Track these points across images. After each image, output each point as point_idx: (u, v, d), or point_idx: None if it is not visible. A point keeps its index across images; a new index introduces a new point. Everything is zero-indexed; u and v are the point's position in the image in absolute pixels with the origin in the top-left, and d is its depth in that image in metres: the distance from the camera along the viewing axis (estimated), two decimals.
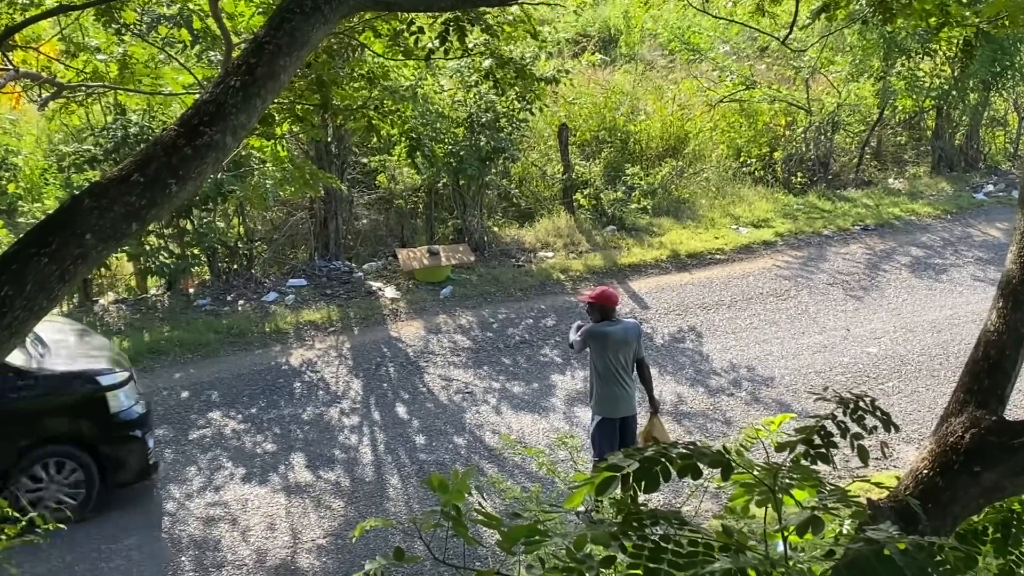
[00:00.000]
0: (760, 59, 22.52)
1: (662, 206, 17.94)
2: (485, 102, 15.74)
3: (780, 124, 20.67)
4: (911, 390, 11.63)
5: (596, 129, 19.21)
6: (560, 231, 16.71)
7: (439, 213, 17.27)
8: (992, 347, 3.70)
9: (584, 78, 20.43)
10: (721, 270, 15.54)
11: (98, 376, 9.35)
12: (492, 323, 13.64)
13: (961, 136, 21.81)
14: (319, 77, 8.94)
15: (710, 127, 20.59)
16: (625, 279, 15.16)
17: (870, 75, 20.19)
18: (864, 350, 12.70)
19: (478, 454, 10.42)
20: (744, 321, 13.59)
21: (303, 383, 12.04)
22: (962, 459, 3.30)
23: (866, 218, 17.91)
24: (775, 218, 17.78)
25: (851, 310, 13.94)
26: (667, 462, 2.89)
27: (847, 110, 21.02)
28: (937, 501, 3.24)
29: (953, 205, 18.76)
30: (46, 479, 9.08)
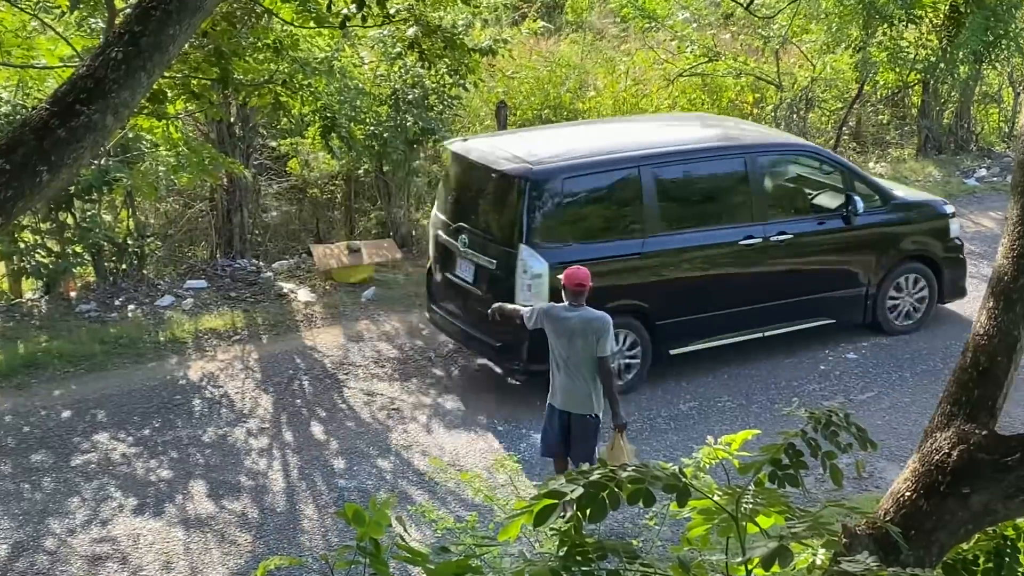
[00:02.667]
0: (724, 27, 22.72)
1: None
2: (411, 76, 15.69)
3: (747, 101, 20.84)
4: (892, 402, 11.74)
5: (539, 107, 19.24)
6: None
7: (360, 204, 17.21)
8: (982, 353, 3.73)
9: (525, 49, 20.47)
10: None
11: (942, 206, 13.59)
12: (421, 330, 13.58)
13: (950, 114, 22.15)
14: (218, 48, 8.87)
15: (669, 105, 20.70)
16: None
17: (848, 45, 20.42)
18: (842, 356, 12.82)
19: (406, 479, 10.36)
20: None
21: (203, 400, 11.91)
22: (949, 479, 3.31)
23: None
24: None
25: None
26: (615, 487, 2.89)
27: (822, 85, 21.26)
28: (921, 527, 3.26)
29: (941, 191, 18.96)
30: (903, 291, 13.08)
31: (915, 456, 3.51)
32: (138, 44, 4.30)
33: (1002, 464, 3.32)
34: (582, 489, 2.90)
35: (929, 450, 3.46)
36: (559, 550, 2.95)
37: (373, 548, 3.15)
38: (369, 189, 17.05)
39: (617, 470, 2.95)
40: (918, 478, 3.38)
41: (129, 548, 9.36)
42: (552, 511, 2.93)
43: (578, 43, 22.67)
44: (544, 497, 2.94)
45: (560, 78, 19.66)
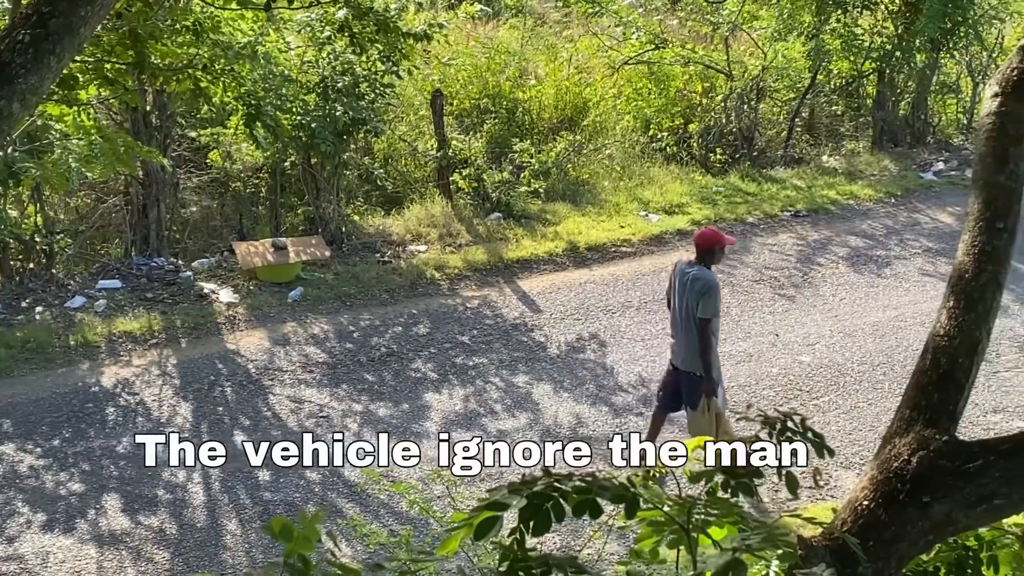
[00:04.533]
0: (672, 13, 22.85)
1: (557, 189, 18.05)
2: (341, 63, 15.61)
3: (696, 91, 20.96)
4: (850, 406, 11.88)
5: (477, 96, 19.25)
6: (434, 220, 16.69)
7: (286, 199, 17.11)
8: (942, 354, 3.76)
9: (462, 34, 20.47)
10: (627, 265, 15.69)
11: None
12: (352, 332, 13.54)
13: (906, 105, 22.41)
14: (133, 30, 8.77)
15: (613, 94, 20.79)
16: (513, 276, 15.21)
17: (800, 33, 20.59)
18: (796, 359, 12.94)
19: (336, 491, 10.31)
20: (656, 326, 13.71)
21: (118, 408, 11.78)
22: (908, 488, 3.34)
23: (797, 202, 18.27)
24: (691, 203, 18.03)
25: (780, 312, 14.20)
26: (560, 497, 2.89)
27: (774, 74, 21.41)
28: (880, 538, 3.28)
29: (898, 186, 19.25)
30: None
31: (873, 463, 3.53)
32: (47, 26, 4.24)
33: (964, 471, 3.35)
34: (525, 500, 2.88)
35: (888, 457, 3.48)
36: (500, 565, 2.93)
37: (302, 565, 3.11)
38: (296, 183, 16.94)
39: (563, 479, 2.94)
40: (876, 486, 3.39)
41: (38, 567, 9.24)
42: (494, 523, 2.91)
43: (518, 28, 22.70)
44: (485, 509, 2.92)
45: (499, 65, 19.67)
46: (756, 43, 21.29)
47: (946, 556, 3.82)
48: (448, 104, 18.31)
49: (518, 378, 12.42)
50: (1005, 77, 4.30)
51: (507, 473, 10.03)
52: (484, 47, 20.33)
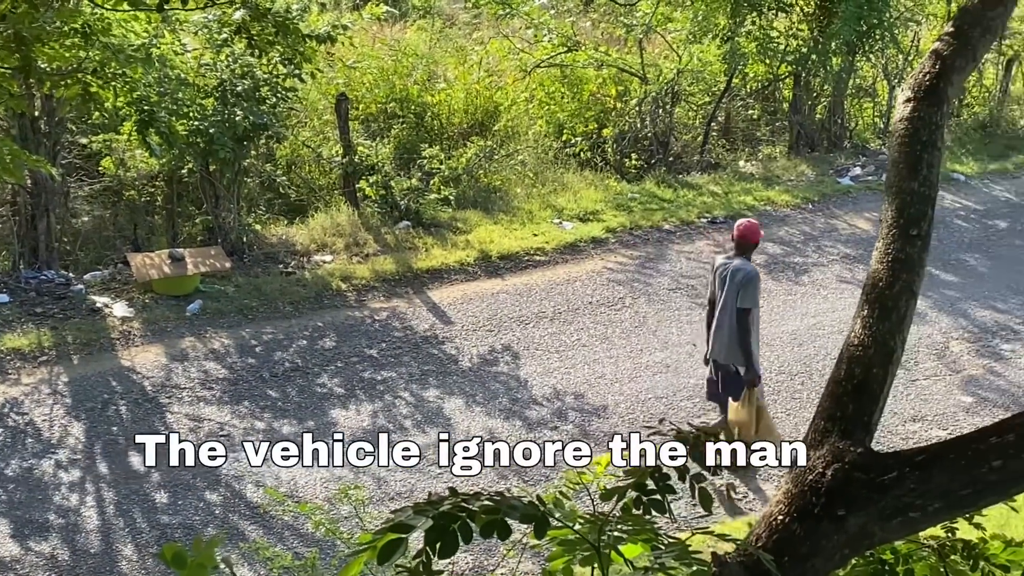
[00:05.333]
0: (584, 15, 22.96)
1: (468, 196, 18.06)
2: (241, 66, 15.50)
3: (610, 95, 21.09)
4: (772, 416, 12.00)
5: (384, 100, 19.21)
6: (340, 229, 16.61)
7: (184, 207, 16.93)
8: (856, 364, 3.80)
9: (368, 36, 20.43)
10: (541, 274, 15.73)
11: None
12: (254, 346, 13.44)
13: (823, 109, 22.72)
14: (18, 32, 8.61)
15: (525, 98, 20.84)
16: (423, 287, 15.18)
17: (715, 35, 20.77)
18: None
19: (237, 513, 10.23)
20: (570, 337, 13.78)
21: (5, 429, 11.57)
22: (823, 501, 3.36)
23: (714, 208, 18.45)
24: (606, 210, 18.12)
25: (698, 321, 14.27)
26: (468, 518, 2.88)
27: (689, 77, 21.60)
28: (795, 553, 3.31)
29: (815, 192, 19.52)
30: None
31: (788, 477, 3.56)
32: None
33: (879, 484, 3.39)
34: (431, 521, 2.88)
35: (802, 470, 3.51)
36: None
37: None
38: (194, 191, 16.77)
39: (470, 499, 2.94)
40: (791, 500, 3.42)
41: None
42: (398, 546, 2.89)
43: (426, 30, 22.69)
44: (389, 531, 2.91)
45: (407, 68, 19.65)
46: (671, 46, 21.45)
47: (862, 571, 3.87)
48: (354, 108, 18.25)
49: (428, 392, 12.41)
50: (917, 82, 4.38)
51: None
52: (391, 49, 20.31)
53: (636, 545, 3.08)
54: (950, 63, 4.43)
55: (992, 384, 12.92)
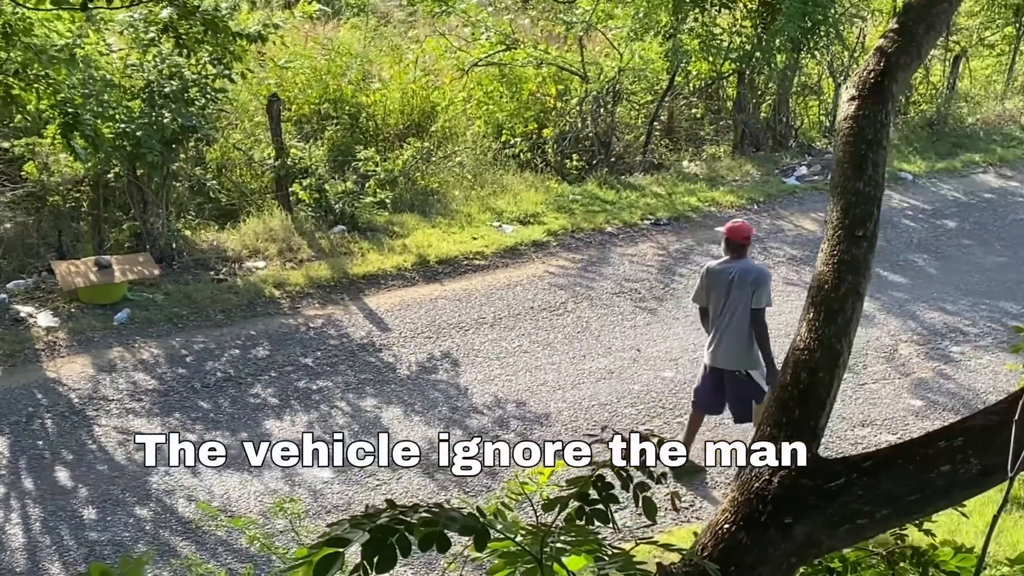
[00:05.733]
0: (523, 12, 22.97)
1: (405, 199, 18.02)
2: (169, 66, 15.37)
3: (550, 94, 21.09)
4: (715, 422, 12.04)
5: (317, 101, 19.13)
6: (273, 234, 16.51)
7: (110, 213, 16.76)
8: (803, 369, 3.82)
9: (299, 35, 20.34)
10: (481, 279, 15.72)
11: None
12: (185, 356, 13.33)
13: (768, 108, 22.86)
14: None
15: (463, 98, 20.82)
16: (360, 293, 15.12)
17: (657, 32, 20.85)
18: (658, 375, 13.10)
19: (169, 529, 10.13)
20: (511, 343, 13.78)
21: None
22: (770, 509, 3.37)
23: (657, 210, 18.51)
24: (547, 212, 18.14)
25: (642, 325, 14.36)
26: (406, 531, 2.87)
27: (631, 76, 21.67)
28: (742, 562, 3.32)
29: (760, 192, 19.63)
30: None
31: (734, 484, 3.57)
32: None
33: (826, 491, 3.41)
34: (367, 535, 2.86)
35: (749, 477, 3.53)
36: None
37: None
38: (121, 196, 16.61)
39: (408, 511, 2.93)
40: (737, 508, 3.44)
41: None
42: (334, 561, 2.88)
43: (360, 29, 22.63)
44: (325, 545, 2.89)
45: (340, 68, 19.58)
46: (612, 43, 21.51)
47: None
48: (286, 110, 18.16)
49: (366, 402, 12.36)
50: (862, 80, 4.41)
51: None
52: (324, 48, 20.23)
53: (579, 556, 3.08)
54: (895, 60, 4.46)
55: (942, 387, 13.04)
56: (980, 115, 24.76)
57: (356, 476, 10.94)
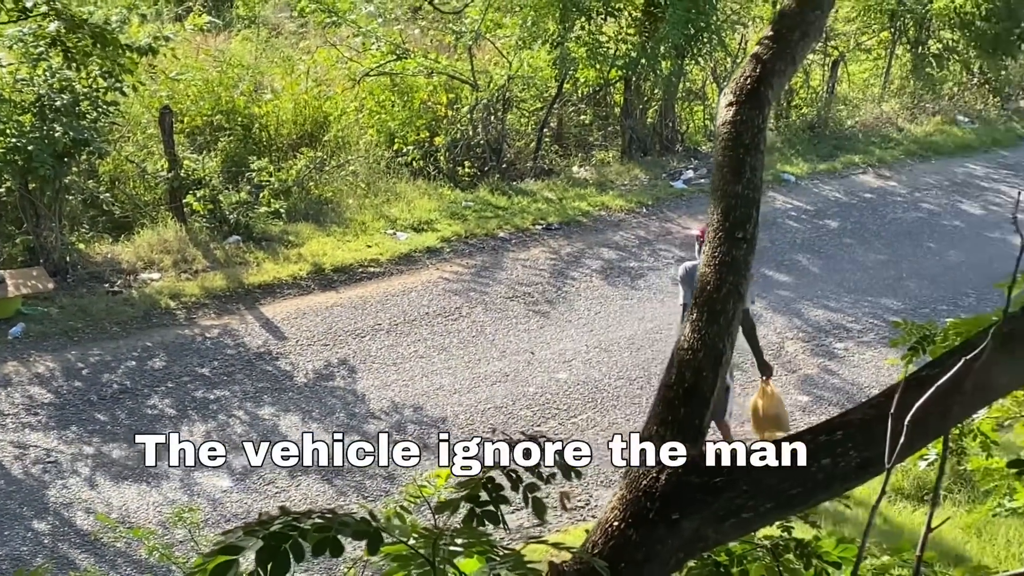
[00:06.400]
0: (413, 22, 22.95)
1: (299, 209, 17.90)
2: (59, 80, 15.12)
3: (441, 102, 21.10)
4: (609, 422, 12.15)
5: (210, 113, 18.94)
6: (168, 245, 16.31)
7: (3, 227, 16.45)
8: (687, 368, 3.85)
9: (191, 47, 20.12)
10: (376, 286, 15.68)
11: None
12: (81, 369, 13.12)
13: (654, 113, 23.05)
14: None
15: (355, 107, 20.75)
16: (256, 303, 14.99)
17: (545, 41, 20.96)
18: (553, 377, 13.16)
19: (68, 541, 9.99)
20: (407, 349, 13.76)
21: None
22: (658, 506, 3.39)
23: (549, 215, 18.59)
24: (440, 219, 18.13)
25: (536, 329, 14.42)
26: (299, 537, 2.85)
27: (520, 84, 21.74)
28: (631, 559, 3.33)
29: (648, 196, 19.80)
30: None
31: (623, 482, 3.59)
32: None
33: (711, 487, 3.44)
34: (261, 542, 2.84)
35: (637, 475, 3.54)
36: None
37: None
38: (13, 210, 16.31)
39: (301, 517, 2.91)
40: (626, 506, 3.45)
41: None
42: (228, 568, 2.85)
43: (251, 40, 22.44)
44: (219, 553, 2.87)
45: (232, 80, 19.40)
46: (501, 52, 21.56)
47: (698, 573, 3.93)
48: (179, 121, 17.95)
49: (263, 410, 12.27)
50: (739, 85, 4.46)
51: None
52: (215, 60, 20.03)
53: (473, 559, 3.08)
54: (770, 67, 4.51)
55: (827, 383, 13.26)
56: (859, 118, 25.19)
57: (255, 484, 10.87)
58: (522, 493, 3.18)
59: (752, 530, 3.81)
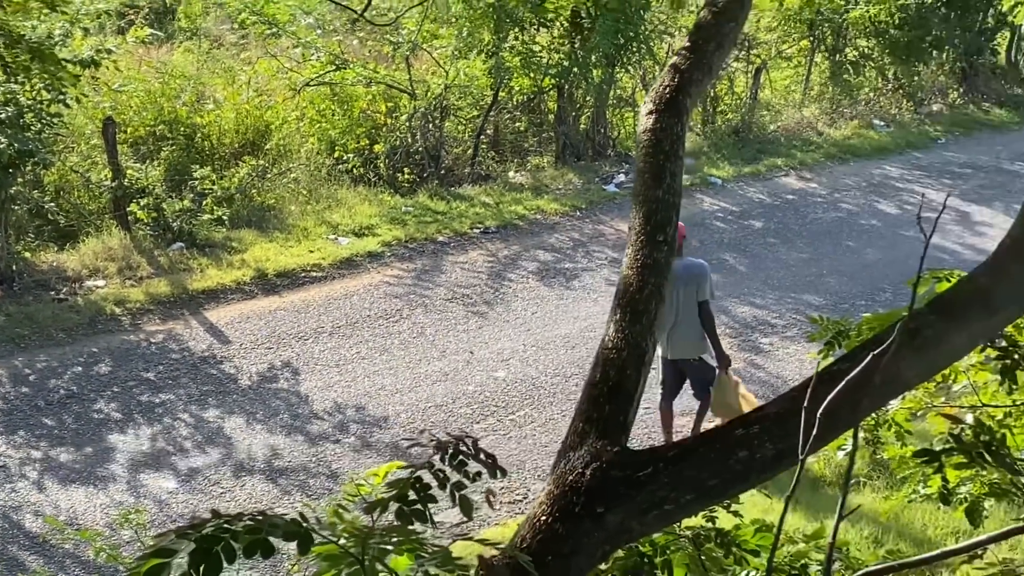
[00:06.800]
0: (352, 33, 22.91)
1: (242, 216, 17.80)
2: (3, 93, 14.96)
3: (380, 111, 21.07)
4: (546, 418, 12.18)
5: (152, 123, 18.79)
6: (113, 253, 16.17)
7: None
8: (611, 366, 3.88)
9: (133, 59, 19.95)
10: (319, 290, 15.62)
11: None
12: (28, 375, 12.97)
13: (587, 119, 23.14)
14: None
15: (296, 116, 20.68)
16: (200, 308, 14.89)
17: (480, 51, 20.99)
18: (491, 375, 13.17)
19: (16, 544, 9.87)
20: (349, 351, 13.73)
21: None
22: (583, 500, 3.41)
23: (486, 219, 18.61)
24: (381, 224, 18.10)
25: (474, 329, 14.43)
26: (231, 539, 2.84)
27: (457, 92, 21.75)
28: (559, 552, 3.35)
29: (582, 199, 19.86)
30: None
31: (551, 478, 3.62)
32: None
33: (635, 480, 3.47)
34: (194, 544, 2.83)
35: (563, 471, 3.57)
36: None
37: None
38: None
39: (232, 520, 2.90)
40: (553, 501, 3.47)
41: None
42: (162, 571, 2.84)
43: (193, 52, 22.31)
44: (152, 556, 2.85)
45: (175, 90, 19.26)
46: (438, 62, 21.55)
47: (623, 564, 3.96)
48: (122, 132, 17.79)
49: (208, 413, 12.20)
50: (658, 95, 4.51)
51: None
52: (158, 72, 19.87)
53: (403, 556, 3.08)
54: (688, 76, 4.56)
55: (753, 376, 13.35)
56: (781, 122, 25.38)
57: (200, 485, 10.81)
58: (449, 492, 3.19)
59: (675, 521, 3.86)
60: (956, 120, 27.38)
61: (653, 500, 3.47)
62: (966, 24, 28.55)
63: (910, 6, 26.84)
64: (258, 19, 20.73)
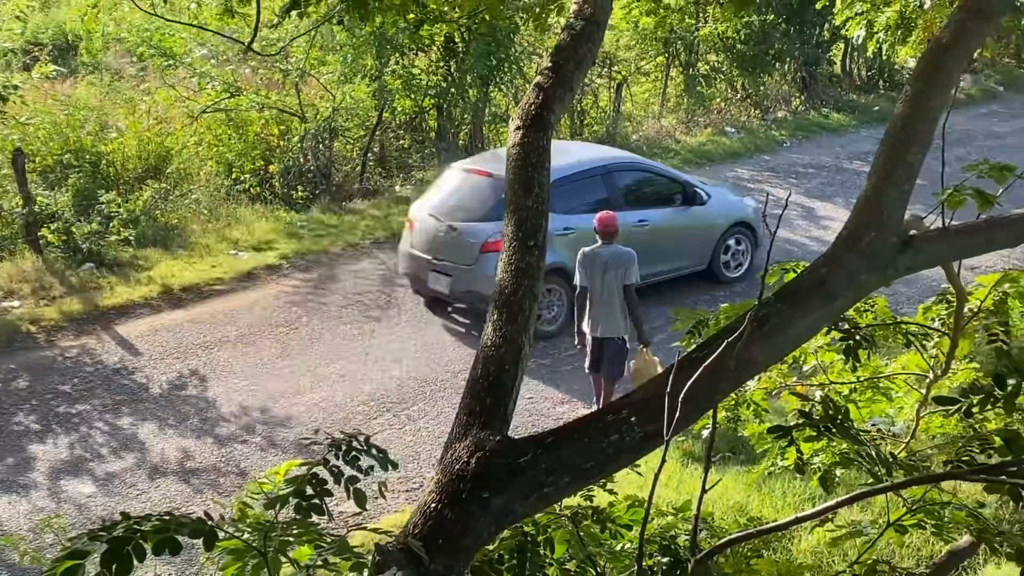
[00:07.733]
0: (244, 62, 22.65)
1: (147, 235, 17.49)
2: None
3: (273, 134, 20.90)
4: (438, 411, 12.16)
5: (60, 152, 18.39)
6: (26, 275, 15.78)
7: None
8: (491, 363, 3.88)
9: (40, 93, 19.51)
10: (222, 302, 15.42)
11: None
12: None
13: (465, 135, 23.20)
14: None
15: (195, 142, 20.42)
16: (111, 323, 14.60)
17: (364, 75, 20.93)
18: (387, 374, 13.11)
19: None
20: (253, 357, 13.56)
21: None
22: (470, 487, 3.42)
23: (376, 230, 18.52)
24: (278, 239, 17.94)
25: (369, 332, 14.35)
26: (141, 539, 2.79)
27: (344, 114, 21.66)
28: (449, 536, 3.35)
29: None
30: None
31: (438, 467, 3.61)
32: None
33: (516, 466, 3.47)
34: (106, 545, 2.78)
35: (450, 460, 3.56)
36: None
37: None
38: None
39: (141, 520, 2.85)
40: (442, 488, 3.47)
41: None
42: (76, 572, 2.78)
43: (95, 84, 21.87)
44: (66, 558, 2.79)
45: (79, 121, 18.86)
46: (325, 87, 21.44)
47: (508, 543, 3.96)
48: (31, 162, 17.38)
49: (122, 420, 11.96)
50: (524, 111, 4.51)
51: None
52: (63, 104, 19.45)
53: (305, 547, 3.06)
54: (551, 94, 4.58)
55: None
56: (642, 132, 25.66)
57: (116, 488, 10.59)
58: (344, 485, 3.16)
59: (554, 502, 3.87)
60: (799, 125, 27.89)
61: (533, 484, 3.48)
62: (804, 38, 29.13)
63: (754, 23, 27.27)
64: (155, 52, 20.47)
